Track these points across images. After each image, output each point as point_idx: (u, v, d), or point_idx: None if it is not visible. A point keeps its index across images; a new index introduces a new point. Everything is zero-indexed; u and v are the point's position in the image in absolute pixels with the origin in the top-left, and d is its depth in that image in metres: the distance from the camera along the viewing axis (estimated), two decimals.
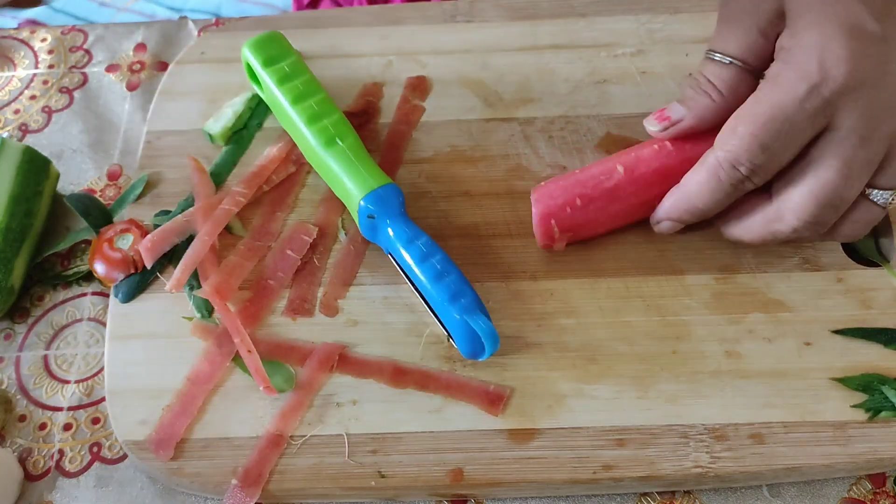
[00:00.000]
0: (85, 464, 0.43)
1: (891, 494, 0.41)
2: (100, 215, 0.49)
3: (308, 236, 0.47)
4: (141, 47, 0.59)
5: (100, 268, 0.46)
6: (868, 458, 0.40)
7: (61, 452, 0.44)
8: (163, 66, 0.57)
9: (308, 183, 0.50)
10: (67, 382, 0.46)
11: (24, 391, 0.45)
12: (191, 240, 0.46)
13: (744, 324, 0.44)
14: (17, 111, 0.56)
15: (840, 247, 0.46)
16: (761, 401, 0.41)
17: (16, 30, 0.61)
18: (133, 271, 0.46)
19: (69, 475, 0.43)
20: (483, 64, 0.54)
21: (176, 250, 0.47)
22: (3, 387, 0.46)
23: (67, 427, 0.44)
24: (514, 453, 0.41)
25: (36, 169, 0.49)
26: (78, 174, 0.53)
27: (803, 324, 0.44)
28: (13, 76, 0.58)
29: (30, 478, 0.43)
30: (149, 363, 0.44)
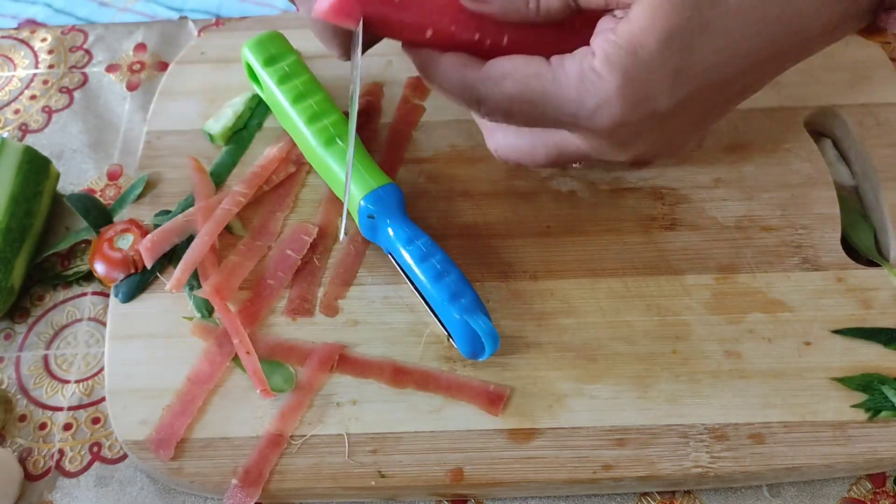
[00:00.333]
0: (85, 464, 0.43)
1: (891, 494, 0.41)
2: (100, 215, 0.49)
3: (308, 236, 0.47)
4: (141, 47, 0.59)
5: (100, 268, 0.46)
6: (868, 458, 0.40)
7: (61, 452, 0.44)
8: (163, 66, 0.57)
9: (308, 183, 0.50)
10: (67, 382, 0.46)
11: (24, 391, 0.45)
12: (191, 240, 0.46)
13: (744, 324, 0.44)
14: (17, 111, 0.56)
15: (840, 247, 0.46)
16: (761, 401, 0.41)
17: (16, 30, 0.61)
18: (133, 271, 0.46)
19: (69, 475, 0.43)
20: None
21: (176, 250, 0.47)
22: (4, 387, 0.46)
23: (67, 427, 0.44)
24: (514, 453, 0.41)
25: (36, 169, 0.49)
26: (78, 174, 0.53)
27: (803, 324, 0.44)
28: (13, 76, 0.58)
29: (30, 478, 0.43)
30: (149, 363, 0.44)
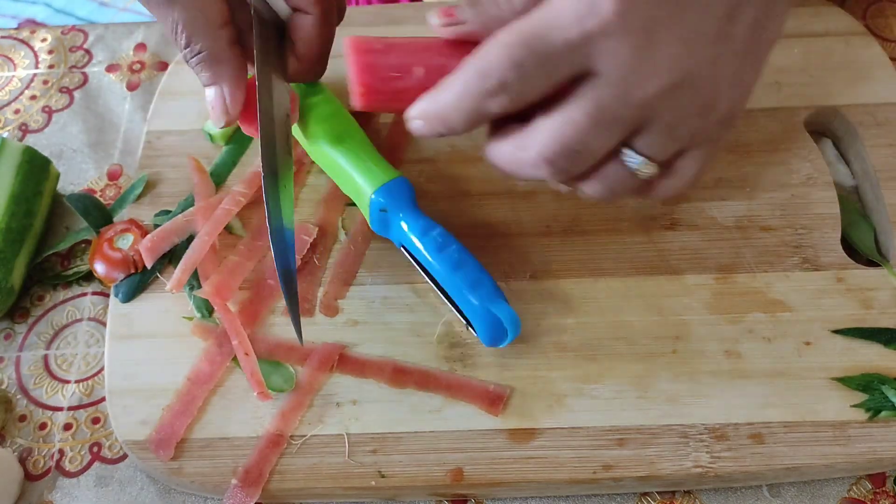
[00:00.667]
0: (85, 464, 0.43)
1: (891, 494, 0.41)
2: (100, 215, 0.49)
3: (308, 236, 0.47)
4: (141, 47, 0.59)
5: (100, 268, 0.46)
6: (868, 458, 0.40)
7: (61, 452, 0.44)
8: (163, 66, 0.57)
9: (308, 183, 0.50)
10: (67, 382, 0.46)
11: (24, 391, 0.45)
12: (191, 240, 0.46)
13: (744, 324, 0.44)
14: (17, 111, 0.56)
15: (840, 247, 0.46)
16: (761, 401, 0.41)
17: (16, 30, 0.61)
18: (133, 271, 0.46)
19: (69, 475, 0.43)
20: None
21: (176, 250, 0.47)
22: (4, 387, 0.46)
23: (67, 427, 0.44)
24: (514, 453, 0.41)
25: (36, 169, 0.49)
26: (78, 174, 0.53)
27: (803, 324, 0.44)
28: (13, 76, 0.58)
29: (30, 478, 0.43)
30: (149, 363, 0.44)
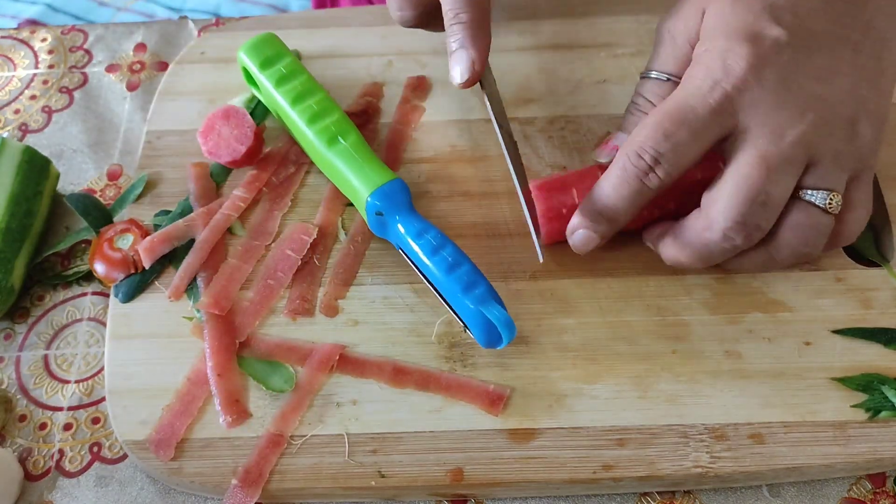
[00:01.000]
0: (85, 464, 0.43)
1: (891, 494, 0.41)
2: (100, 215, 0.49)
3: (308, 236, 0.47)
4: (141, 47, 0.59)
5: (100, 268, 0.46)
6: (868, 458, 0.40)
7: (61, 452, 0.44)
8: (163, 66, 0.57)
9: (308, 183, 0.50)
10: (67, 382, 0.46)
11: (24, 391, 0.45)
12: (191, 243, 0.46)
13: (744, 324, 0.44)
14: (17, 111, 0.56)
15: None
16: (761, 401, 0.41)
17: (16, 30, 0.61)
18: (133, 271, 0.46)
19: (69, 475, 0.43)
20: None
21: (176, 251, 0.47)
22: (3, 387, 0.46)
23: (67, 427, 0.44)
24: (514, 453, 0.41)
25: (36, 169, 0.49)
26: (78, 174, 0.53)
27: (803, 324, 0.44)
28: (13, 76, 0.58)
29: (30, 478, 0.43)
30: (149, 363, 0.44)
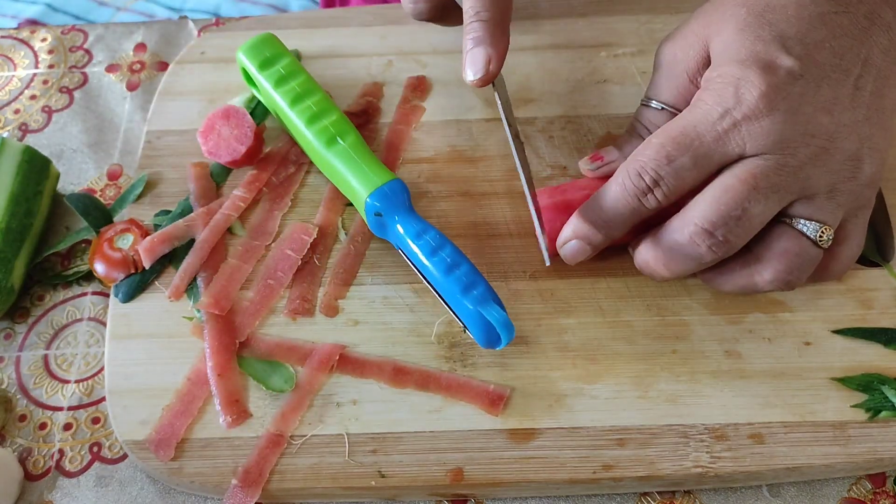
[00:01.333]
0: (85, 464, 0.43)
1: (891, 494, 0.41)
2: (100, 215, 0.49)
3: (308, 236, 0.47)
4: (141, 47, 0.59)
5: (100, 268, 0.46)
6: (868, 458, 0.40)
7: (61, 452, 0.44)
8: (163, 66, 0.57)
9: (308, 183, 0.50)
10: (67, 382, 0.46)
11: (24, 391, 0.45)
12: (191, 243, 0.46)
13: (744, 324, 0.44)
14: (17, 111, 0.56)
15: None
16: (761, 401, 0.41)
17: (16, 30, 0.61)
18: (133, 271, 0.46)
19: (69, 475, 0.43)
20: None
21: (176, 251, 0.47)
22: (3, 387, 0.46)
23: (67, 427, 0.44)
24: (514, 453, 0.41)
25: (36, 169, 0.49)
26: (78, 174, 0.53)
27: (803, 324, 0.44)
28: (13, 76, 0.58)
29: (30, 478, 0.43)
30: (149, 363, 0.44)
